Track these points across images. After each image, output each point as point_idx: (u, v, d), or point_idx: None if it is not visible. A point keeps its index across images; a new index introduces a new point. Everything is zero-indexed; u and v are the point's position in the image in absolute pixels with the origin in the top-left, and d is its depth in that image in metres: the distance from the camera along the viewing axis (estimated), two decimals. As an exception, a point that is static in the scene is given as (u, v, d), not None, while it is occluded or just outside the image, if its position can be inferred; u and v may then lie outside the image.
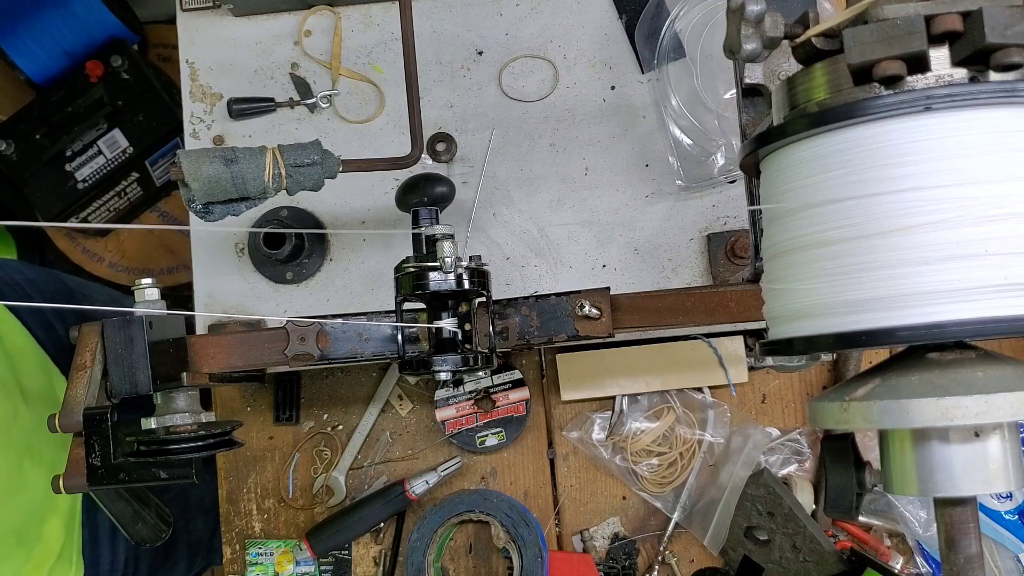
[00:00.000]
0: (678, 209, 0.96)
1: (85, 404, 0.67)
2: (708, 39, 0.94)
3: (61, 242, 1.73)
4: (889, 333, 0.44)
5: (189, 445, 0.64)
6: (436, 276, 0.69)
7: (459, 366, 0.69)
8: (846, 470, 0.57)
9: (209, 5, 1.01)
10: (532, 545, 0.96)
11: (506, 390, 1.02)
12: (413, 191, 0.85)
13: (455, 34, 1.00)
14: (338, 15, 1.01)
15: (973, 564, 0.48)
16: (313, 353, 0.74)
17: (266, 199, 0.73)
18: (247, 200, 0.72)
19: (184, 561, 1.20)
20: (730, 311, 0.73)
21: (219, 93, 1.01)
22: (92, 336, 0.69)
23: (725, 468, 1.00)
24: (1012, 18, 0.43)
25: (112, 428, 0.65)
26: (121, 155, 1.61)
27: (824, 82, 0.49)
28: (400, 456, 1.04)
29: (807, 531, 0.95)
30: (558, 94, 0.99)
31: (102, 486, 0.66)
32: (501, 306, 0.75)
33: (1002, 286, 0.43)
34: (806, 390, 1.03)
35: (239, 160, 0.69)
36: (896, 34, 0.44)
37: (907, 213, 0.44)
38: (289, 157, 0.71)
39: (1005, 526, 0.97)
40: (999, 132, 0.44)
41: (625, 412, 1.02)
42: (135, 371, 0.68)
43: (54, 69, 1.60)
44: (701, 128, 0.93)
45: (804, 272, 0.48)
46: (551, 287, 0.96)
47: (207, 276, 0.99)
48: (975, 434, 0.47)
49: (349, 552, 1.03)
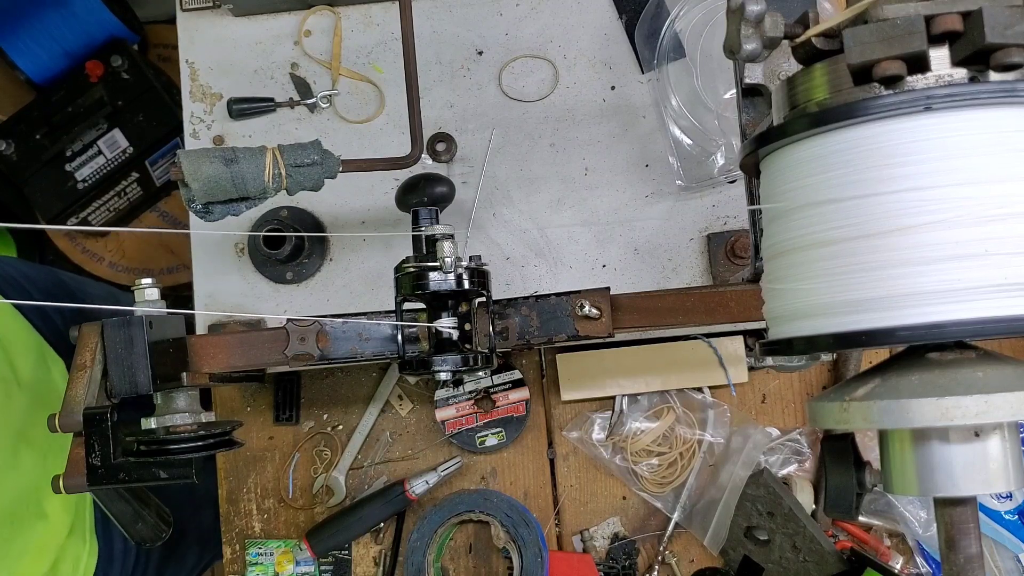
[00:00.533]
0: (678, 209, 0.96)
1: (85, 404, 0.67)
2: (708, 39, 0.94)
3: (61, 242, 1.73)
4: (889, 333, 0.44)
5: (189, 445, 0.64)
6: (436, 276, 0.69)
7: (459, 366, 0.69)
8: (846, 470, 0.57)
9: (209, 5, 1.01)
10: (532, 545, 0.96)
11: (506, 390, 1.02)
12: (413, 191, 0.85)
13: (455, 34, 1.00)
14: (338, 15, 1.01)
15: (973, 564, 0.48)
16: (313, 353, 0.74)
17: (266, 199, 0.73)
18: (247, 200, 0.72)
19: (195, 549, 1.21)
20: (730, 311, 0.73)
21: (219, 93, 1.01)
22: (92, 336, 0.69)
23: (725, 468, 1.00)
24: (1012, 18, 0.43)
25: (112, 428, 0.65)
26: (121, 155, 1.61)
27: (824, 82, 0.49)
28: (400, 456, 1.04)
29: (807, 531, 0.95)
30: (558, 94, 0.99)
31: (102, 486, 0.66)
32: (501, 306, 0.75)
33: (1002, 286, 0.43)
34: (806, 390, 1.03)
35: (239, 160, 0.69)
36: (896, 34, 0.44)
37: (907, 213, 0.44)
38: (289, 157, 0.71)
39: (1005, 526, 0.97)
40: (999, 132, 0.44)
41: (625, 412, 1.02)
42: (135, 371, 0.68)
43: (54, 69, 1.60)
44: (701, 128, 0.93)
45: (804, 272, 0.48)
46: (551, 287, 0.96)
47: (207, 276, 0.99)
48: (975, 434, 0.47)
49: (349, 552, 1.03)
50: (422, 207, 0.75)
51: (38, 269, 1.13)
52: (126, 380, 0.68)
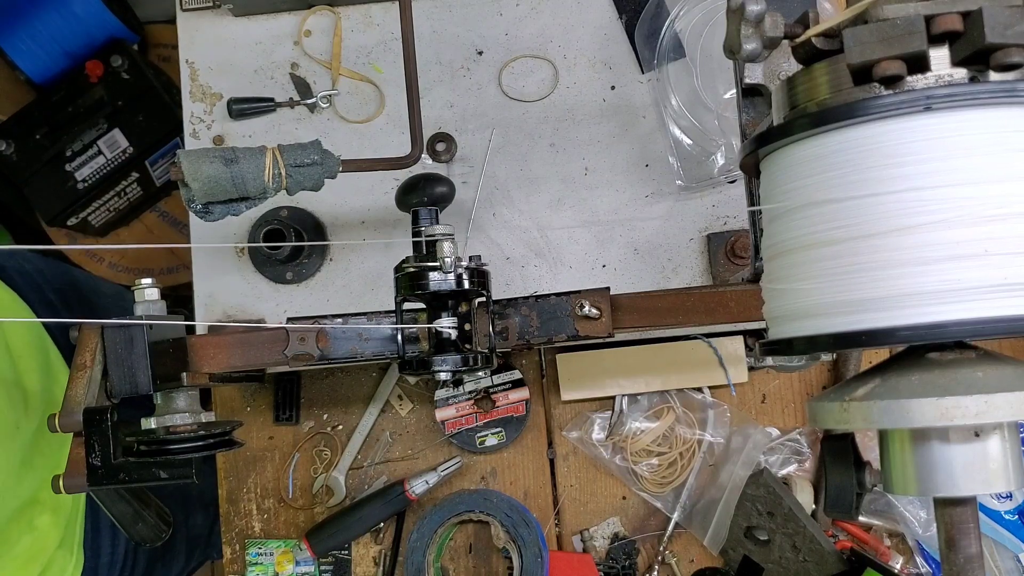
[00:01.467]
0: (678, 209, 0.96)
1: (85, 404, 0.67)
2: (708, 39, 0.94)
3: (61, 242, 1.73)
4: (889, 333, 0.44)
5: (189, 445, 0.64)
6: (436, 276, 0.69)
7: (459, 366, 0.69)
8: (846, 470, 0.57)
9: (209, 5, 1.01)
10: (532, 545, 0.96)
11: (506, 390, 1.02)
12: (413, 191, 0.85)
13: (455, 34, 1.00)
14: (338, 15, 1.01)
15: (973, 564, 0.48)
16: (313, 353, 0.74)
17: (266, 199, 0.73)
18: (247, 200, 0.72)
19: (183, 555, 1.21)
20: (730, 311, 0.73)
21: (219, 93, 1.01)
22: (92, 336, 0.69)
23: (725, 468, 1.00)
24: (1012, 18, 0.43)
25: (112, 428, 0.65)
26: (121, 155, 1.61)
27: (824, 82, 0.49)
28: (400, 456, 1.04)
29: (807, 531, 0.95)
30: (558, 94, 0.99)
31: (102, 486, 0.65)
32: (501, 306, 0.75)
33: (1002, 286, 0.43)
34: (806, 390, 1.03)
35: (239, 160, 0.69)
36: (896, 34, 0.44)
37: (907, 213, 0.44)
38: (289, 157, 0.71)
39: (1005, 526, 0.97)
40: (999, 132, 0.44)
41: (625, 412, 1.02)
42: (135, 371, 0.68)
43: (54, 69, 1.60)
44: (701, 128, 0.93)
45: (804, 272, 0.48)
46: (551, 287, 0.96)
47: (207, 276, 0.99)
48: (975, 434, 0.47)
49: (349, 552, 1.03)
50: (422, 207, 0.75)
51: (53, 265, 1.13)
52: (126, 380, 0.68)
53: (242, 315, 0.97)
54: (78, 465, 0.65)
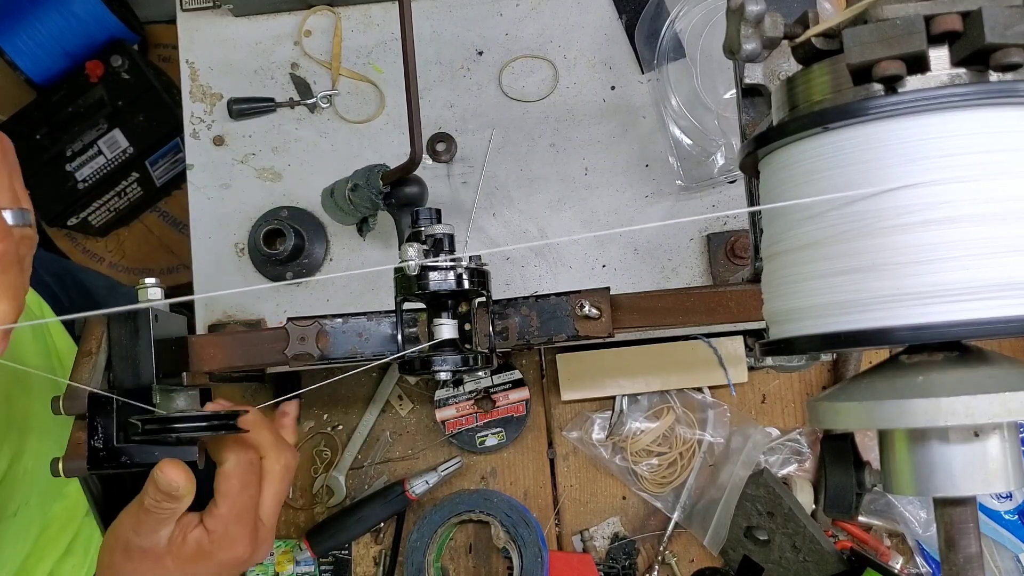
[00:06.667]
0: (678, 209, 0.96)
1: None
2: (708, 39, 0.94)
3: (61, 242, 1.73)
4: (889, 333, 0.44)
5: (195, 424, 0.63)
6: (436, 276, 0.69)
7: (459, 366, 0.69)
8: (846, 470, 0.57)
9: (209, 5, 1.01)
10: (532, 545, 0.96)
11: (506, 390, 1.02)
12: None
13: (455, 34, 1.00)
14: (338, 15, 1.01)
15: (973, 564, 0.48)
16: (313, 353, 0.74)
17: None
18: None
19: None
20: (730, 311, 0.73)
21: (219, 93, 1.01)
22: (98, 326, 0.69)
23: (725, 468, 1.00)
24: (1012, 18, 0.43)
25: (117, 411, 0.65)
26: (121, 155, 1.61)
27: (824, 82, 0.49)
28: (400, 456, 1.04)
29: (807, 531, 0.95)
30: (558, 94, 0.99)
31: (103, 470, 0.65)
32: (501, 306, 0.75)
33: (1002, 286, 0.43)
34: (806, 390, 1.03)
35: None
36: (896, 34, 0.44)
37: (906, 213, 0.44)
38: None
39: (1005, 526, 0.97)
40: (999, 132, 0.44)
41: (625, 412, 1.02)
42: (139, 362, 0.68)
43: (54, 69, 1.60)
44: (701, 128, 0.93)
45: (804, 272, 0.48)
46: (551, 287, 0.96)
47: (207, 276, 0.99)
48: (974, 434, 0.47)
49: (349, 552, 1.03)
50: (421, 207, 0.75)
51: (43, 253, 1.14)
52: (129, 371, 0.68)
53: (242, 315, 0.97)
54: (79, 447, 0.65)
